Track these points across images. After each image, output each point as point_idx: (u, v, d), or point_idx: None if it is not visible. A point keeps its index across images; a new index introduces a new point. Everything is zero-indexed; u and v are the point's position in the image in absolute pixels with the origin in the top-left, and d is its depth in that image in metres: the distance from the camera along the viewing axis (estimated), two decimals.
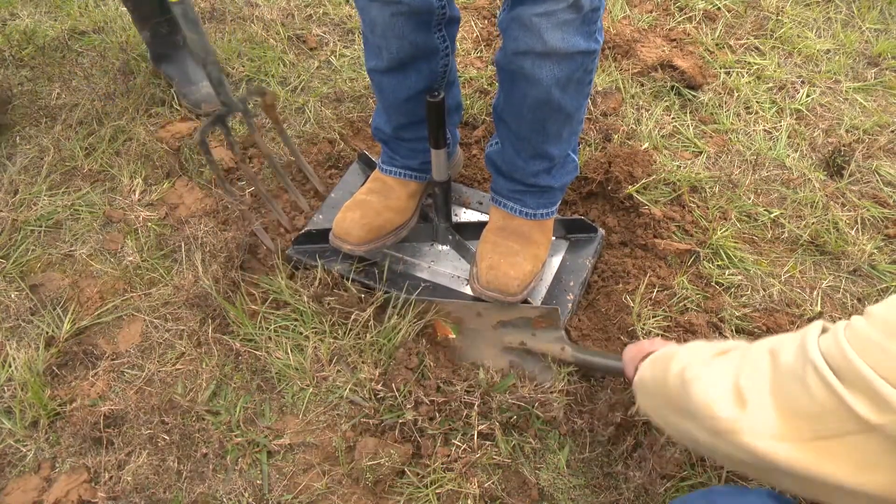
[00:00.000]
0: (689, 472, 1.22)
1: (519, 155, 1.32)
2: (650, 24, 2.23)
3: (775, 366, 0.73)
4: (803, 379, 0.68)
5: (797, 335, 0.74)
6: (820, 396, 0.66)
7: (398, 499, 1.21)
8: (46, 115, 1.90)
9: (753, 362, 0.77)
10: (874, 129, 1.89)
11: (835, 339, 0.67)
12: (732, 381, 0.77)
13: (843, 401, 0.64)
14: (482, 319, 1.39)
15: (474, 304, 1.38)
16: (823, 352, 0.68)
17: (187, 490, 1.23)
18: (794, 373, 0.70)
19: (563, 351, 1.33)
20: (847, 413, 0.64)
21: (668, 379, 0.88)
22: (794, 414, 0.69)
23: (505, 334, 1.38)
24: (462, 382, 1.31)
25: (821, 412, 0.66)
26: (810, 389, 0.67)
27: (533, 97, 1.17)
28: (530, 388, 1.30)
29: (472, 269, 1.40)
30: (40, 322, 1.45)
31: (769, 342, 0.79)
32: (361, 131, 1.88)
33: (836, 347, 0.66)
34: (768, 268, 1.57)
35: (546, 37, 1.06)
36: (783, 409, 0.70)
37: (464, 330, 1.41)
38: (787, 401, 0.70)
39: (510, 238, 1.40)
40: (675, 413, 0.87)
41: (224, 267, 1.50)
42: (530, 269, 1.36)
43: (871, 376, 0.62)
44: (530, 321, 1.36)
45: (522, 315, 1.36)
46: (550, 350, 1.34)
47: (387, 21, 1.18)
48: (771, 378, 0.73)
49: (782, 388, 0.71)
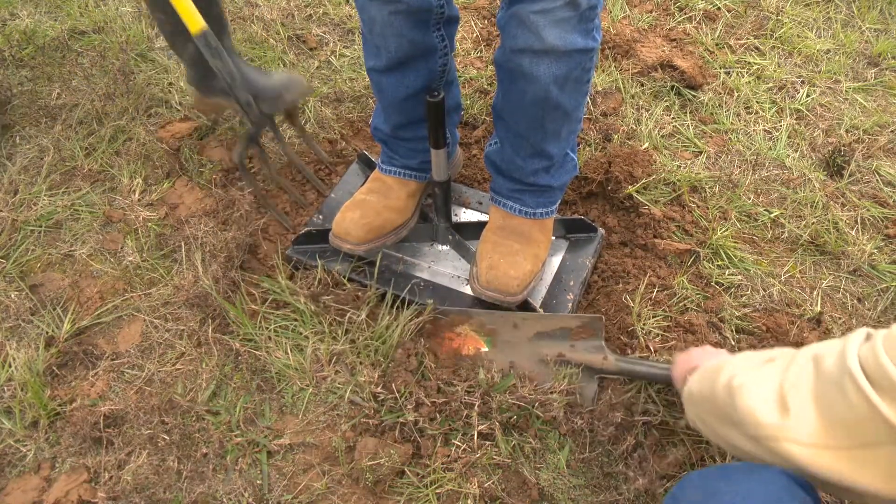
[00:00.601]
0: (690, 472, 1.22)
1: (518, 154, 1.32)
2: (650, 24, 2.23)
3: (818, 373, 0.73)
4: (841, 386, 0.68)
5: (840, 341, 0.74)
6: (856, 404, 0.66)
7: (398, 499, 1.21)
8: (46, 115, 1.90)
9: (798, 369, 0.76)
10: (874, 129, 1.89)
11: (872, 346, 0.67)
12: (777, 388, 0.76)
13: (877, 409, 0.63)
14: (518, 331, 1.34)
15: (511, 315, 1.34)
16: (861, 359, 0.67)
17: (187, 490, 1.23)
18: (834, 380, 0.70)
19: (606, 360, 1.30)
20: (881, 421, 0.63)
21: (715, 389, 0.87)
22: (833, 422, 0.69)
23: (542, 346, 1.33)
24: (462, 383, 1.31)
25: (857, 420, 0.66)
26: (847, 397, 0.67)
27: (531, 95, 1.17)
28: (530, 389, 1.30)
29: (472, 269, 1.40)
30: (40, 322, 1.45)
31: (814, 348, 0.79)
32: (361, 131, 1.88)
33: (873, 354, 0.66)
34: (768, 268, 1.57)
35: (544, 34, 1.06)
36: (823, 417, 0.70)
37: (497, 342, 1.36)
38: (827, 408, 0.70)
39: (510, 237, 1.40)
40: (722, 423, 0.86)
41: (224, 267, 1.50)
42: (530, 269, 1.36)
43: None
44: (570, 332, 1.32)
45: (562, 325, 1.32)
46: (591, 361, 1.30)
47: (385, 19, 1.18)
48: (813, 385, 0.73)
49: (823, 395, 0.71)
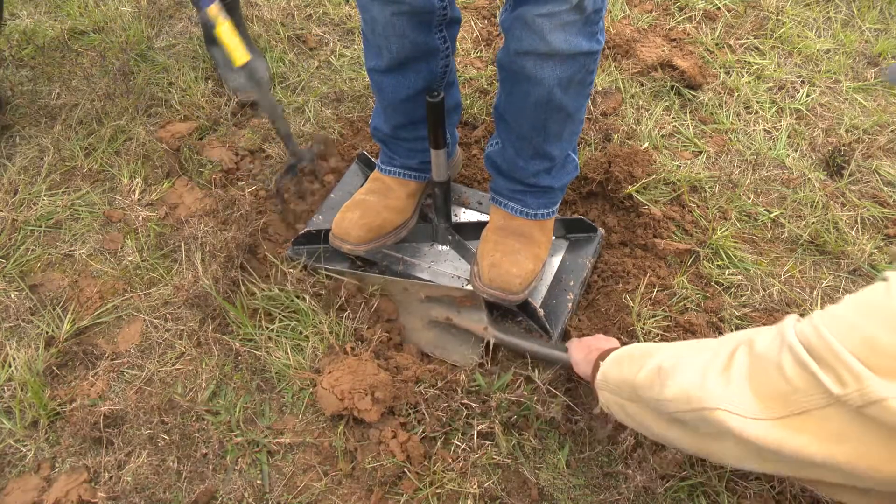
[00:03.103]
0: (689, 472, 1.22)
1: (520, 155, 1.32)
2: (650, 23, 2.23)
3: (751, 353, 0.78)
4: (778, 362, 0.73)
5: (774, 326, 0.79)
6: (793, 375, 0.70)
7: (398, 499, 1.21)
8: (46, 115, 1.90)
9: (729, 351, 0.81)
10: (874, 129, 1.89)
11: (810, 322, 0.72)
12: (709, 366, 0.81)
13: (815, 376, 0.68)
14: (409, 294, 1.42)
15: (401, 281, 1.42)
16: (798, 335, 0.72)
17: (187, 490, 1.23)
18: (770, 357, 0.75)
19: (486, 331, 1.36)
20: (816, 388, 0.68)
21: (640, 373, 0.92)
22: (768, 395, 0.73)
23: (431, 308, 1.41)
24: (462, 383, 1.31)
25: (792, 391, 0.70)
26: (784, 370, 0.71)
27: (535, 97, 1.17)
28: (530, 388, 1.30)
29: (473, 268, 1.40)
30: (40, 322, 1.45)
31: (743, 333, 0.85)
32: (361, 131, 1.88)
33: (811, 329, 0.71)
34: (768, 267, 1.57)
35: (549, 38, 1.06)
36: (758, 393, 0.74)
37: (396, 304, 1.45)
38: (761, 384, 0.74)
39: (511, 237, 1.40)
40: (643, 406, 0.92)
41: (224, 267, 1.50)
42: (532, 268, 1.36)
43: (840, 349, 0.66)
44: (455, 300, 1.39)
45: (448, 293, 1.40)
46: (474, 329, 1.37)
47: (387, 20, 1.18)
48: (748, 364, 0.77)
49: (758, 373, 0.75)
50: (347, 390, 1.24)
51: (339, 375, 1.27)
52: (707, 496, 1.21)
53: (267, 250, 1.55)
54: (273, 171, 1.77)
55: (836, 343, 0.67)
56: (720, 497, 1.20)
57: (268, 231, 1.60)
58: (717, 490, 1.20)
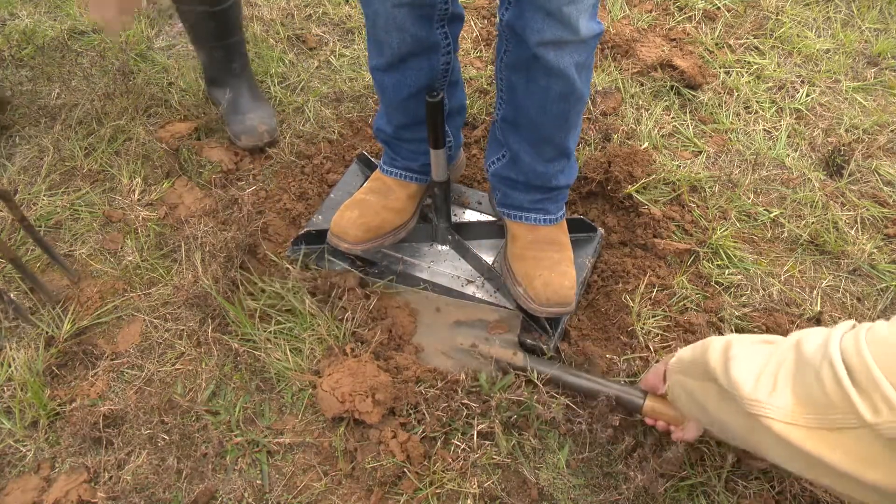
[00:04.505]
0: (690, 472, 1.22)
1: (539, 159, 1.31)
2: (650, 23, 2.23)
3: (798, 356, 0.78)
4: (818, 371, 0.72)
5: (826, 329, 0.78)
6: (830, 390, 0.70)
7: (398, 499, 1.21)
8: (46, 115, 1.90)
9: (782, 351, 0.81)
10: (874, 129, 1.89)
11: (855, 339, 0.71)
12: (763, 366, 0.81)
13: (849, 398, 0.67)
14: (440, 316, 1.39)
15: (437, 298, 1.39)
16: (843, 350, 0.71)
17: (187, 490, 1.23)
18: (813, 364, 0.74)
19: (515, 356, 1.33)
20: (850, 409, 0.67)
21: (710, 353, 0.92)
22: (807, 403, 0.73)
23: (458, 334, 1.38)
24: (462, 383, 1.31)
25: (828, 404, 0.70)
26: (823, 382, 0.71)
27: (557, 89, 1.18)
28: (530, 389, 1.30)
29: (518, 290, 1.37)
30: (40, 322, 1.45)
31: (800, 333, 0.84)
32: (361, 131, 1.88)
33: (855, 347, 0.69)
34: (768, 267, 1.57)
35: (578, 25, 1.08)
36: (797, 397, 0.74)
37: (419, 322, 1.41)
38: (802, 389, 0.74)
39: (547, 249, 1.39)
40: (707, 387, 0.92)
41: (224, 267, 1.49)
42: (574, 274, 1.38)
43: (878, 376, 0.65)
44: (487, 324, 1.37)
45: (481, 317, 1.37)
46: (502, 355, 1.34)
47: (388, 12, 1.19)
48: (793, 367, 0.77)
49: (800, 378, 0.75)
50: (348, 392, 1.24)
51: (340, 377, 1.26)
52: (707, 496, 1.21)
53: (267, 250, 1.55)
54: (273, 171, 1.77)
55: (875, 368, 0.66)
56: (720, 497, 1.20)
57: (268, 231, 1.60)
58: (716, 490, 1.20)
